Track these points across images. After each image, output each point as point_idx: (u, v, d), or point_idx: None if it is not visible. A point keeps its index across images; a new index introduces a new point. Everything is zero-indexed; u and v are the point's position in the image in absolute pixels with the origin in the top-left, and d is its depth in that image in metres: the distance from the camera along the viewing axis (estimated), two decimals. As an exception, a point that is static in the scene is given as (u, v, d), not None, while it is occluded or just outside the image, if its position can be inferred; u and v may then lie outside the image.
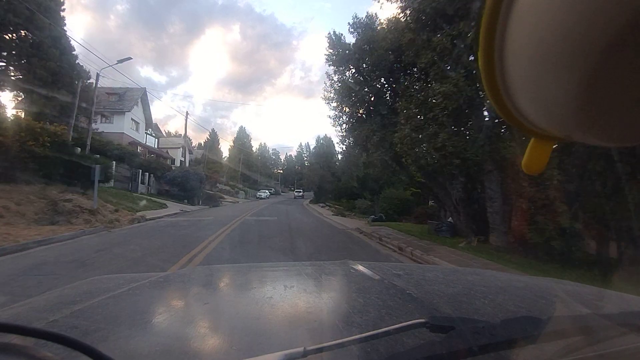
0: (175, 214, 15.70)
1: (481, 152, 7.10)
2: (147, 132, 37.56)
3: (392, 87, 9.40)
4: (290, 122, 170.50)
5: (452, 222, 8.91)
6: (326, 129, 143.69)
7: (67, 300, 0.94)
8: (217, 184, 44.18)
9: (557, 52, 0.23)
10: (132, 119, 30.49)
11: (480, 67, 0.30)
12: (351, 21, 10.01)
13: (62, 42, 15.65)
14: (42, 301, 0.95)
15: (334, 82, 11.03)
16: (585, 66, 0.22)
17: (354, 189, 29.44)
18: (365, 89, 8.91)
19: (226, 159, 63.00)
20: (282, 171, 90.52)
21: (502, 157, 7.33)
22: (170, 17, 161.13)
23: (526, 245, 6.71)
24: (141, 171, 21.83)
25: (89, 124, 17.56)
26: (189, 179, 22.88)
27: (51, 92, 14.75)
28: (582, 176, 5.93)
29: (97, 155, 14.85)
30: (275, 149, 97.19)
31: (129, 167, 21.48)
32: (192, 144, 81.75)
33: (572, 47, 0.22)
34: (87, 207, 10.28)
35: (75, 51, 16.69)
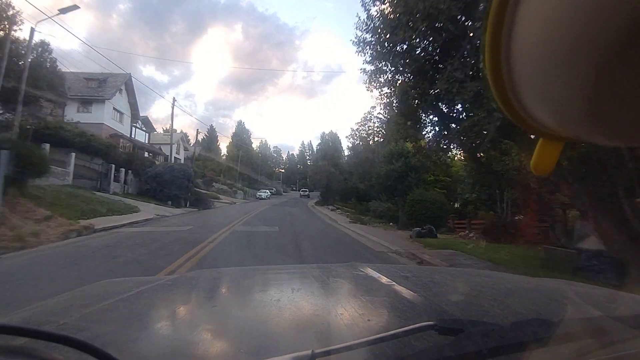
0: (145, 221, 11.99)
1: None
2: (136, 125, 33.82)
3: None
4: (291, 122, 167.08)
5: (610, 254, 5.02)
6: (329, 128, 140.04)
7: (76, 303, 0.96)
8: (214, 183, 40.74)
9: (566, 50, 0.22)
10: (114, 108, 26.65)
11: (486, 67, 0.29)
12: None
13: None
14: (52, 304, 0.96)
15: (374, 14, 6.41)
16: (594, 64, 0.21)
17: (369, 188, 25.78)
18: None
19: (225, 157, 58.60)
20: (283, 170, 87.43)
21: None
22: (172, 17, 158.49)
23: None
24: (114, 166, 18.07)
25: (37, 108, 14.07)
26: (174, 176, 19.16)
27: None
28: None
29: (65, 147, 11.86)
30: (276, 147, 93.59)
31: (104, 161, 17.86)
32: (191, 142, 78.60)
33: (581, 44, 0.21)
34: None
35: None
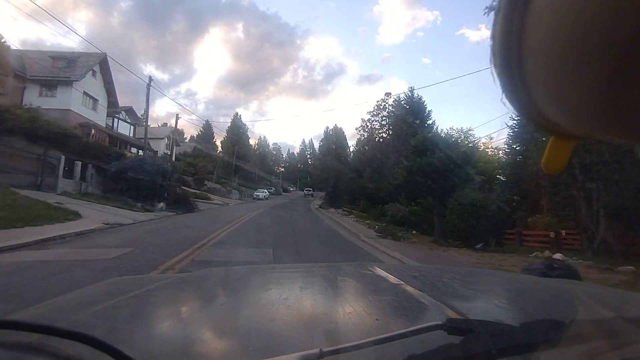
0: (77, 235, 8.08)
1: None
2: (118, 116, 29.91)
3: None
4: (291, 122, 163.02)
5: None
6: (333, 124, 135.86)
7: (88, 300, 0.97)
8: (206, 182, 36.78)
9: (577, 47, 0.22)
10: (85, 92, 22.66)
11: (496, 64, 0.29)
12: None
13: None
14: (64, 301, 0.97)
15: None
16: (606, 61, 0.21)
17: (382, 189, 21.92)
18: None
19: (221, 153, 54.24)
20: (283, 169, 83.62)
21: None
22: (173, 15, 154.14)
23: None
24: (64, 158, 14.17)
25: None
26: (146, 173, 15.28)
27: None
28: None
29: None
30: (276, 143, 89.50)
31: (62, 152, 14.07)
32: (186, 139, 74.34)
33: (593, 40, 0.21)
34: None
35: None
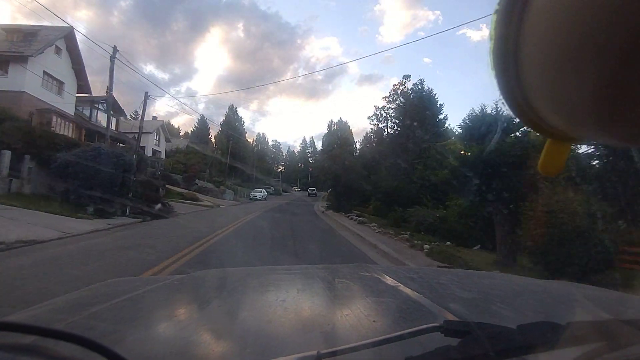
0: None
1: None
2: (98, 106, 26.17)
3: None
4: (293, 122, 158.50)
5: None
6: (337, 118, 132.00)
7: (84, 302, 0.97)
8: (197, 181, 33.06)
9: (574, 50, 0.22)
10: (45, 72, 18.84)
11: (493, 67, 0.28)
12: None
13: None
14: (61, 303, 0.97)
15: None
16: (603, 64, 0.21)
17: (401, 189, 18.24)
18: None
19: (216, 149, 50.35)
20: (283, 168, 79.93)
21: None
22: (174, 15, 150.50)
23: None
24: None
25: None
26: (100, 167, 11.53)
27: None
28: None
29: None
30: (275, 140, 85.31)
31: None
32: (181, 136, 70.52)
33: (589, 44, 0.21)
34: None
35: None
